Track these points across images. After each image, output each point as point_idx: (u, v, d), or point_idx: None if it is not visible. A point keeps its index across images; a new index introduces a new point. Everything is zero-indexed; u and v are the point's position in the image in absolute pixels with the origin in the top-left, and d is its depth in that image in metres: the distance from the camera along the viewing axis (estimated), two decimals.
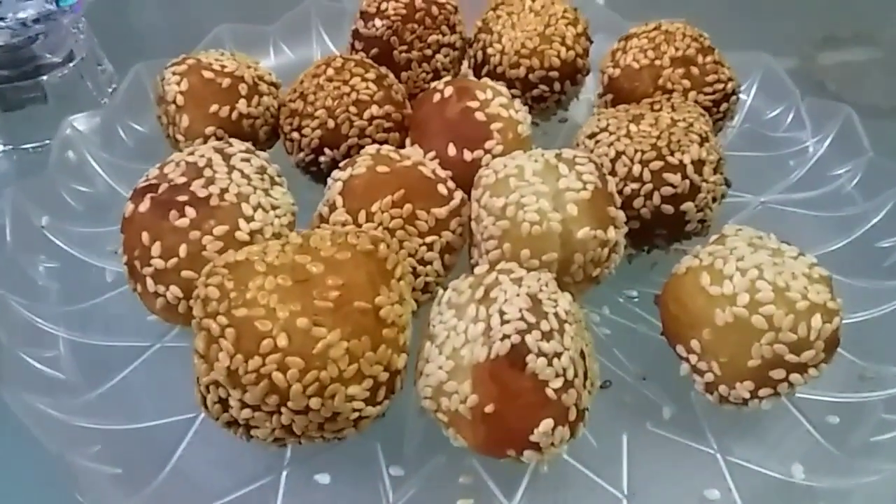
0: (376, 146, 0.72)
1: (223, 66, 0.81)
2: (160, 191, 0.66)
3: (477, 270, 0.62)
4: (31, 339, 0.68)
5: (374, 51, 0.89)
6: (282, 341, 0.53)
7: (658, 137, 0.73)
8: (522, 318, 0.55)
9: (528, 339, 0.54)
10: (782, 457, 0.63)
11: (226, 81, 0.80)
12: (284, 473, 0.61)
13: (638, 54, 0.84)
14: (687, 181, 0.71)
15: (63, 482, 0.58)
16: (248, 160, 0.69)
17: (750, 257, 0.62)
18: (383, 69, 0.84)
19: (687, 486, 0.61)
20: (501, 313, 0.56)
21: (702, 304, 0.62)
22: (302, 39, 1.07)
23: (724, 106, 0.84)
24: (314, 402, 0.54)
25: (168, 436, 0.64)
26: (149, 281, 0.65)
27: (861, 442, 0.63)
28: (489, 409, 0.54)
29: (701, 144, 0.73)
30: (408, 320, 0.60)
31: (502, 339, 0.54)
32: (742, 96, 0.97)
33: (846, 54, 1.26)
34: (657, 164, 0.71)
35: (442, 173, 0.70)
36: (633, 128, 0.75)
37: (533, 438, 0.55)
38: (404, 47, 0.89)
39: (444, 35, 0.91)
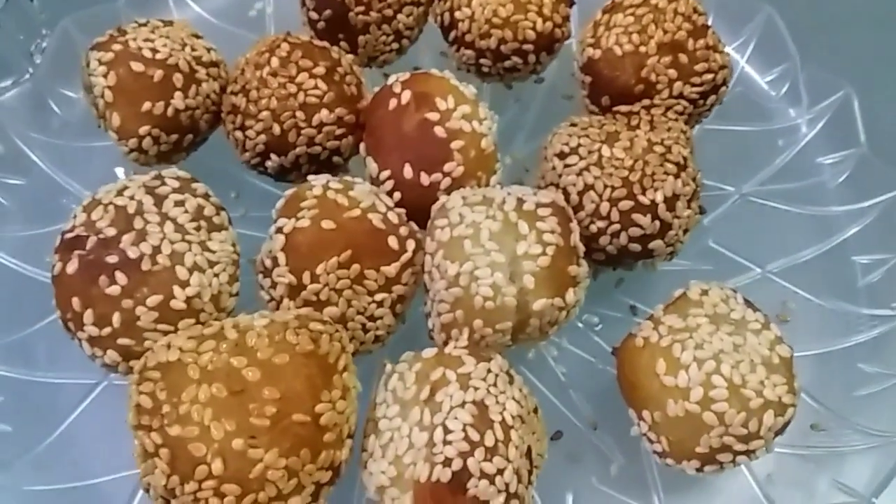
0: (324, 178, 0.66)
1: (154, 52, 0.73)
2: (88, 247, 0.61)
3: (425, 354, 0.59)
4: None
5: (327, 13, 0.79)
6: (217, 467, 0.52)
7: (630, 169, 0.67)
8: (466, 438, 0.54)
9: (471, 462, 0.53)
10: None
11: (158, 73, 0.72)
12: None
13: (622, 37, 0.75)
14: (657, 222, 0.67)
15: None
16: (182, 203, 0.64)
17: (710, 341, 0.60)
18: (334, 51, 0.75)
19: None
20: (445, 430, 0.54)
21: (656, 388, 0.60)
22: None
23: (711, 98, 0.76)
24: None
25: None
26: (85, 344, 0.62)
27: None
28: None
29: (677, 176, 0.67)
30: (353, 406, 0.58)
31: (444, 464, 0.53)
32: (736, 56, 0.89)
33: None
34: (626, 204, 0.66)
35: (395, 218, 0.65)
36: (605, 151, 0.68)
37: None
38: (361, 8, 0.79)
39: None
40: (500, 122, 0.85)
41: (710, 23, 0.78)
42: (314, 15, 0.80)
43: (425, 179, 0.68)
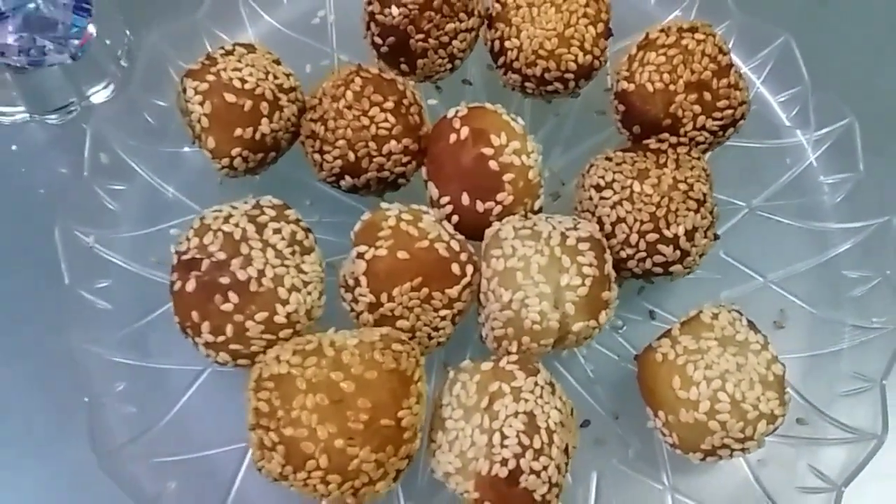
0: (396, 209, 0.77)
1: (243, 82, 0.83)
2: (203, 269, 0.73)
3: (483, 367, 0.72)
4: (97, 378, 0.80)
5: (391, 39, 0.89)
6: (323, 462, 0.66)
7: (657, 205, 0.78)
8: (519, 442, 0.68)
9: (523, 462, 0.67)
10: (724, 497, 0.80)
11: (248, 104, 0.82)
12: None
13: (654, 74, 0.85)
14: (678, 251, 0.79)
15: None
16: (279, 231, 0.76)
17: (718, 362, 0.72)
18: (399, 83, 0.85)
19: None
20: (502, 435, 0.68)
21: (671, 398, 0.73)
22: None
23: (730, 131, 0.87)
24: (349, 500, 0.68)
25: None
26: (201, 347, 0.75)
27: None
28: None
29: (697, 211, 0.79)
30: (424, 407, 0.72)
31: (501, 463, 0.67)
32: (752, 76, 0.98)
33: None
34: (653, 237, 0.78)
35: (456, 246, 0.77)
36: (636, 187, 0.79)
37: None
38: (421, 36, 0.88)
39: (461, 21, 0.90)
40: (540, 134, 0.96)
41: (731, 48, 0.88)
42: (378, 40, 0.89)
43: (480, 207, 0.80)
